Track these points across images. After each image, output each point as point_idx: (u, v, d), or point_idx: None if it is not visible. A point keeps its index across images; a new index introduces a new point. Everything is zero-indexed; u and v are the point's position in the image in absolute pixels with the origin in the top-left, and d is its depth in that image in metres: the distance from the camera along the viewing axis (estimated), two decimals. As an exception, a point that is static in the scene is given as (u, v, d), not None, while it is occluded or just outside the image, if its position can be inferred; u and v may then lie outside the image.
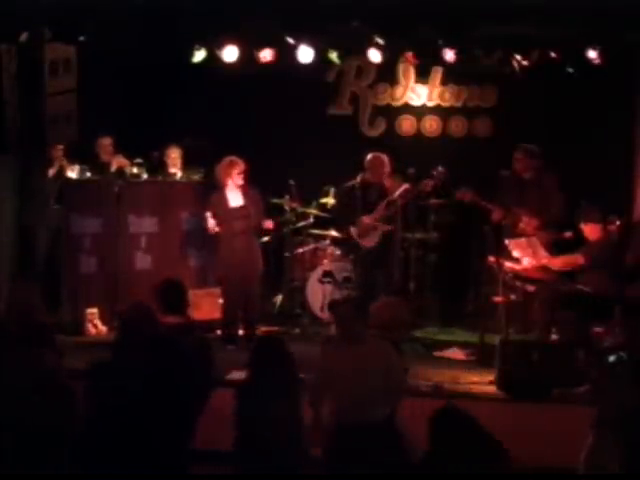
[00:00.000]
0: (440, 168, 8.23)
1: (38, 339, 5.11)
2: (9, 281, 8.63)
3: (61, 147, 8.78)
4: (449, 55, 8.32)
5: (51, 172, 8.59)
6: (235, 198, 8.08)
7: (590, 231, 7.51)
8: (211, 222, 7.99)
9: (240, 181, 8.03)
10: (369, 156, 8.37)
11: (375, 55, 8.49)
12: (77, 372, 5.25)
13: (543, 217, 7.99)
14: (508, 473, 3.75)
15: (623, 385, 4.87)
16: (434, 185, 8.28)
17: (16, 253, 8.84)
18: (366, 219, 8.26)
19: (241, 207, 8.06)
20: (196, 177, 8.76)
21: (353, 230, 8.33)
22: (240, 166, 8.00)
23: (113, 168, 8.64)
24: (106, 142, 8.84)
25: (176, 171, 8.87)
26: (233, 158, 8.04)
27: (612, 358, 5.04)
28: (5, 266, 8.78)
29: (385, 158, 8.33)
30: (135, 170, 8.48)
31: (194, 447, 5.08)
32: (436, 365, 7.47)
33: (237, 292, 8.05)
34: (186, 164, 8.91)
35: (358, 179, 8.37)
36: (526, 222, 7.95)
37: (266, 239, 8.63)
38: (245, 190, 8.09)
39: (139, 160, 8.53)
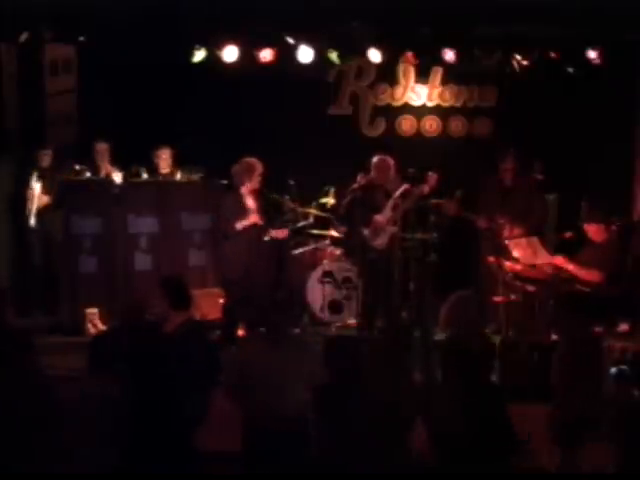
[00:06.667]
0: (431, 173, 8.22)
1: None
2: (8, 280, 8.69)
3: (49, 152, 8.76)
4: (449, 55, 8.35)
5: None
6: (249, 200, 8.03)
7: (594, 232, 7.47)
8: (243, 223, 7.84)
9: (258, 184, 7.97)
10: (375, 158, 8.35)
11: (375, 55, 8.51)
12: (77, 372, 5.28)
13: (527, 222, 8.03)
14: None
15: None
16: (429, 190, 8.27)
17: (15, 253, 8.88)
18: (379, 218, 8.23)
19: (254, 209, 8.03)
20: (196, 177, 8.75)
21: (366, 230, 8.29)
22: (260, 168, 7.93)
23: (102, 174, 8.64)
24: (102, 148, 8.80)
25: (167, 171, 8.84)
26: (253, 160, 7.98)
27: (614, 370, 5.06)
28: (4, 266, 8.81)
29: (391, 160, 8.33)
30: (120, 179, 8.42)
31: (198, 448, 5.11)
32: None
33: (240, 293, 8.05)
34: (186, 164, 8.90)
35: (359, 179, 8.37)
36: (510, 228, 8.00)
37: (266, 239, 8.59)
38: (257, 192, 8.06)
39: (135, 167, 8.52)
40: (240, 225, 7.79)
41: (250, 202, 7.96)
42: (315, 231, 9.08)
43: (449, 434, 4.43)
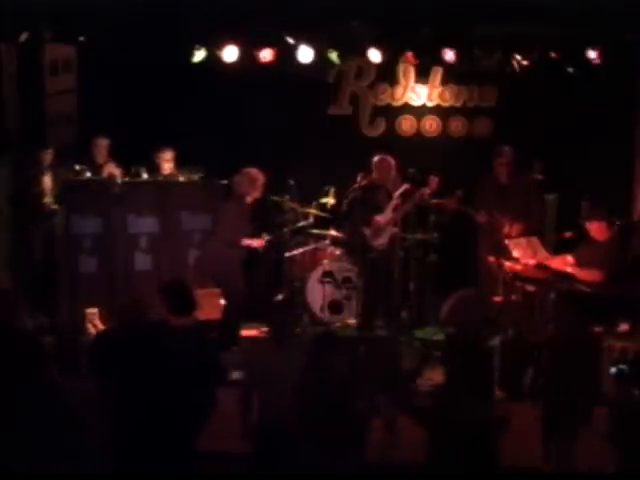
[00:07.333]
0: (433, 177, 8.25)
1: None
2: (8, 280, 8.67)
3: (51, 150, 8.77)
4: (449, 55, 8.35)
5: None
6: (252, 209, 8.12)
7: (596, 230, 7.45)
8: (251, 244, 8.07)
9: (261, 193, 8.05)
10: (376, 158, 8.38)
11: (375, 55, 8.51)
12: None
13: (526, 222, 8.04)
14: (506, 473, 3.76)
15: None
16: (430, 193, 8.30)
17: (15, 253, 8.87)
18: (380, 219, 8.27)
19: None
20: (196, 177, 8.75)
21: (366, 230, 8.33)
22: (262, 178, 8.04)
23: (104, 174, 8.64)
24: (102, 143, 8.81)
25: (169, 173, 8.84)
26: (255, 171, 8.03)
27: (613, 370, 5.07)
28: (4, 267, 8.81)
29: (392, 160, 8.37)
30: (125, 179, 8.46)
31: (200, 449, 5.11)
32: (436, 365, 7.45)
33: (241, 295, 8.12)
34: (186, 164, 8.90)
35: (359, 179, 8.38)
36: (509, 228, 8.00)
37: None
38: (259, 200, 8.13)
39: (135, 168, 8.53)
40: (246, 243, 7.99)
41: (252, 212, 8.05)
42: (315, 231, 9.08)
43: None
